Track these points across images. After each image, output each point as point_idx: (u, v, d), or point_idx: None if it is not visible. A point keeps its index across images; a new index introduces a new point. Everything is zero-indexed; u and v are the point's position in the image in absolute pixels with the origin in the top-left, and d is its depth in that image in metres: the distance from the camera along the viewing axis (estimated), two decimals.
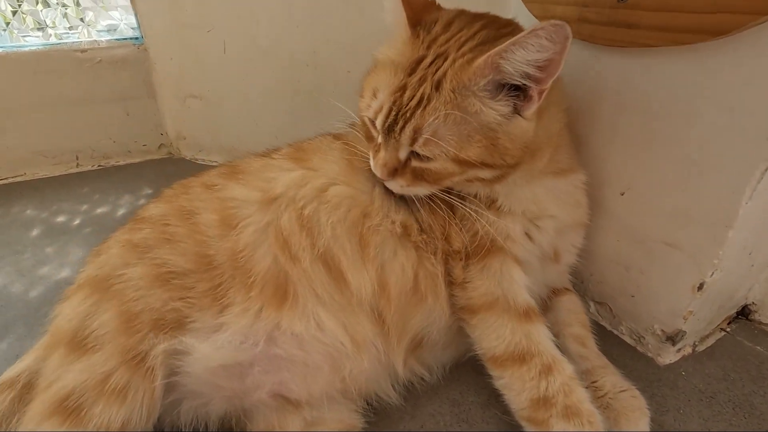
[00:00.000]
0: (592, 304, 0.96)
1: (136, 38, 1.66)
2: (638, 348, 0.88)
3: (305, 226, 0.69)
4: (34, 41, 1.62)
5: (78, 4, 1.66)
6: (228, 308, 0.65)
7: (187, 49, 1.60)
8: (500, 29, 0.65)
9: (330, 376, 0.67)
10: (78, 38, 1.66)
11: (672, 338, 0.82)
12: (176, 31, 1.57)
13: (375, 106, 0.66)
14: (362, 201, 0.72)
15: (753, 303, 0.93)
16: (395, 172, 0.67)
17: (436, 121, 0.60)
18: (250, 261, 0.67)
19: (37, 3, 1.62)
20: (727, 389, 0.78)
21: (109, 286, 0.64)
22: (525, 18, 0.89)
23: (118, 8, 1.68)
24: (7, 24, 1.59)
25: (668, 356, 0.84)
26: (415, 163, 0.66)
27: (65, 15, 1.66)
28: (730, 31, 0.57)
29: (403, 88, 0.63)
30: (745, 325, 0.93)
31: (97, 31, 1.69)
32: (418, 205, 0.72)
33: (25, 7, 1.60)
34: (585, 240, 0.85)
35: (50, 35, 1.65)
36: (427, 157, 0.64)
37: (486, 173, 0.65)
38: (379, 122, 0.66)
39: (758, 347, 0.87)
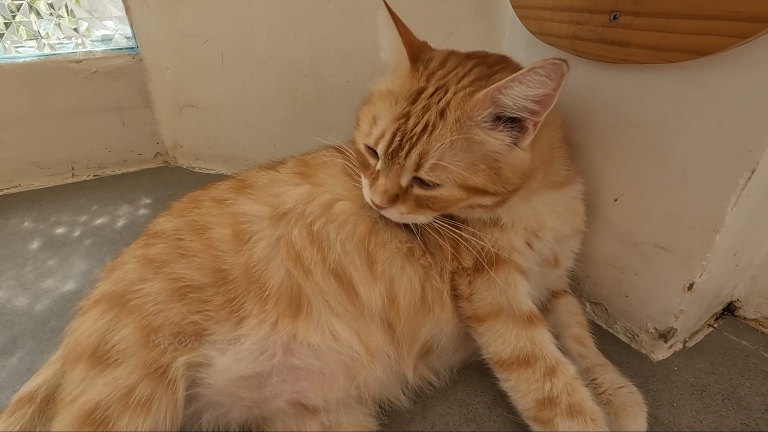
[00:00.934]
0: (588, 304, 1.00)
1: (132, 48, 1.66)
2: (632, 345, 0.92)
3: (316, 241, 0.71)
4: (28, 52, 1.61)
5: (72, 15, 1.65)
6: (245, 320, 0.67)
7: (185, 59, 1.60)
8: (492, 67, 0.68)
9: (345, 384, 0.69)
10: (73, 48, 1.65)
11: (664, 335, 0.86)
12: (173, 41, 1.57)
13: (376, 132, 0.67)
14: (366, 218, 0.74)
15: (738, 300, 0.98)
16: (395, 199, 0.67)
17: (443, 146, 0.62)
18: (264, 275, 0.69)
19: (31, 13, 1.61)
20: (716, 382, 0.83)
21: (127, 301, 0.65)
22: (521, 33, 0.93)
23: (113, 18, 1.68)
24: (1, 36, 1.57)
25: (661, 353, 0.88)
26: (418, 191, 0.66)
27: (59, 25, 1.65)
28: (715, 51, 0.61)
29: (406, 115, 0.64)
30: (731, 321, 0.97)
31: (91, 41, 1.68)
32: (421, 228, 0.73)
33: (18, 17, 1.59)
34: (581, 244, 0.88)
35: (44, 45, 1.64)
36: (434, 184, 0.65)
37: (488, 200, 0.67)
38: (381, 148, 0.66)
39: (744, 341, 0.92)
